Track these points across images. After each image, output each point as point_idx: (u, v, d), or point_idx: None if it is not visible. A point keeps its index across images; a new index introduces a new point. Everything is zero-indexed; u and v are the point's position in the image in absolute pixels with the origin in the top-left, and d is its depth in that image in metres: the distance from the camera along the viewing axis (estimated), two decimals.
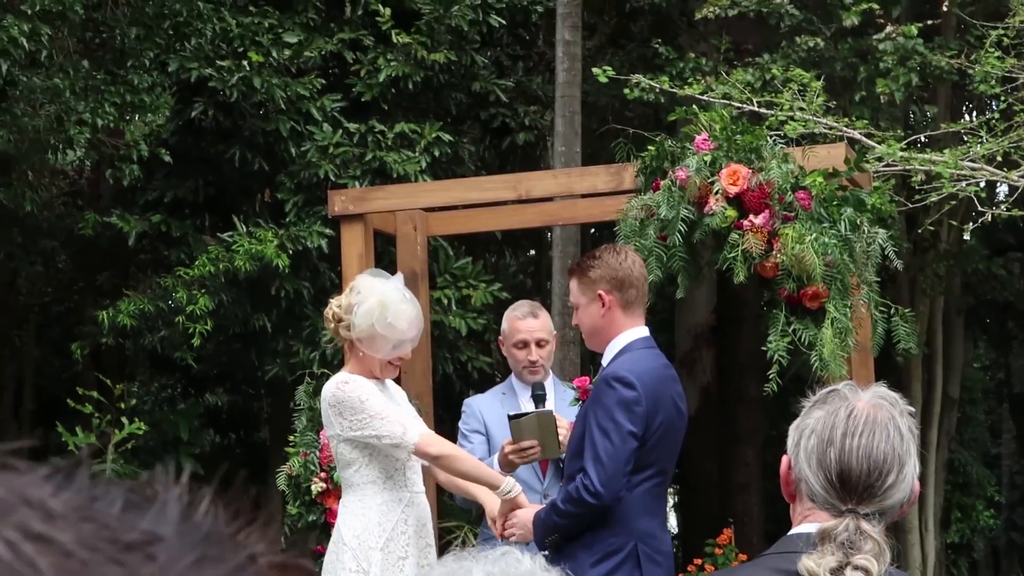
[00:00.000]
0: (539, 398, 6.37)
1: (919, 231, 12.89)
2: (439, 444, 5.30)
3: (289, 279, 12.10)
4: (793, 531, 2.80)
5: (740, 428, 15.11)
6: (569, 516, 5.23)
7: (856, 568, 2.61)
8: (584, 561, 5.24)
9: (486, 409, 6.51)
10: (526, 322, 6.46)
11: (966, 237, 10.50)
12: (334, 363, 11.39)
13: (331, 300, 5.43)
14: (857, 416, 2.76)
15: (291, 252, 11.90)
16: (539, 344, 6.41)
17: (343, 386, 5.29)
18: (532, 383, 6.47)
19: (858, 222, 6.17)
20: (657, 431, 5.27)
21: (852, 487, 2.72)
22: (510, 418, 6.11)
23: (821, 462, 2.76)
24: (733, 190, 6.13)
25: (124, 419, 11.79)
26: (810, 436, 2.79)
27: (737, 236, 6.07)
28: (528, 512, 5.42)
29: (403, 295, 5.38)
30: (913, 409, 2.89)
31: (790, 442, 2.84)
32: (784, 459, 2.86)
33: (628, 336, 5.36)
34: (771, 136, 6.85)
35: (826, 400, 2.83)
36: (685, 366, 14.95)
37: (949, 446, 15.46)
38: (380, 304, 5.29)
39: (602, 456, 5.14)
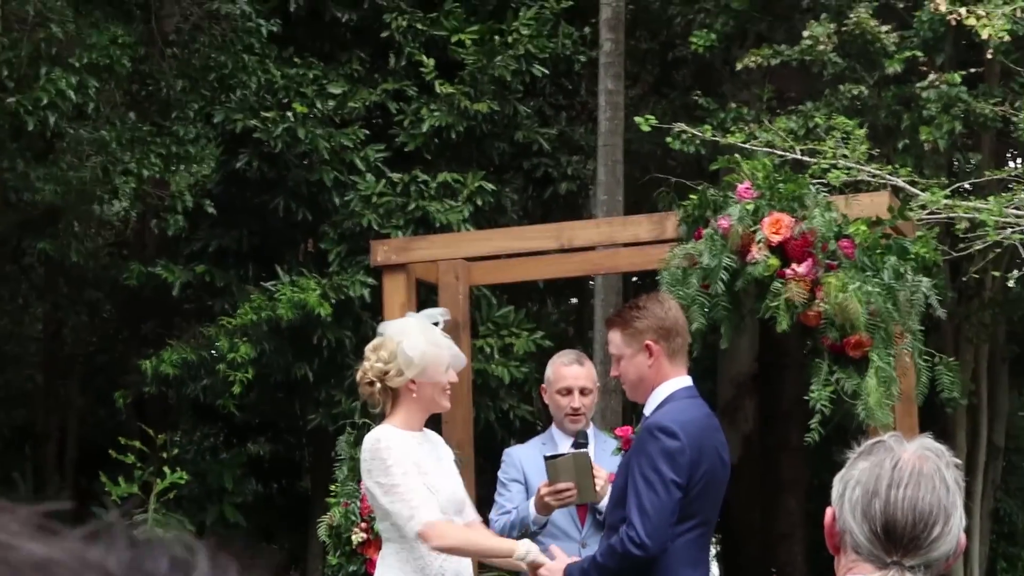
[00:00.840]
0: (580, 447, 6.34)
1: (963, 279, 12.81)
2: (441, 538, 5.19)
3: (331, 328, 12.13)
4: None
5: (783, 477, 15.02)
6: (611, 570, 5.17)
7: None
8: None
9: (525, 459, 6.49)
10: (571, 369, 6.45)
11: (1011, 285, 10.42)
12: (375, 413, 11.40)
13: (364, 364, 5.40)
14: (903, 467, 2.74)
15: (334, 301, 11.93)
16: (583, 392, 6.40)
17: (378, 444, 5.28)
18: (574, 432, 6.45)
19: (902, 271, 6.14)
20: (700, 481, 5.22)
21: (897, 539, 2.69)
22: (546, 459, 6.10)
23: (866, 514, 2.73)
24: (776, 239, 6.11)
25: (166, 468, 11.81)
26: (855, 487, 2.76)
27: (780, 285, 6.05)
28: (558, 565, 5.36)
29: (425, 321, 5.43)
30: (959, 461, 2.86)
31: (835, 493, 2.82)
32: (828, 511, 2.83)
33: (671, 385, 5.32)
34: (814, 184, 6.84)
35: (871, 451, 2.80)
36: (727, 415, 14.88)
37: (995, 495, 15.32)
38: (419, 331, 5.31)
39: (647, 507, 5.09)
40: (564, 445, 6.49)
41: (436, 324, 5.44)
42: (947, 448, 2.84)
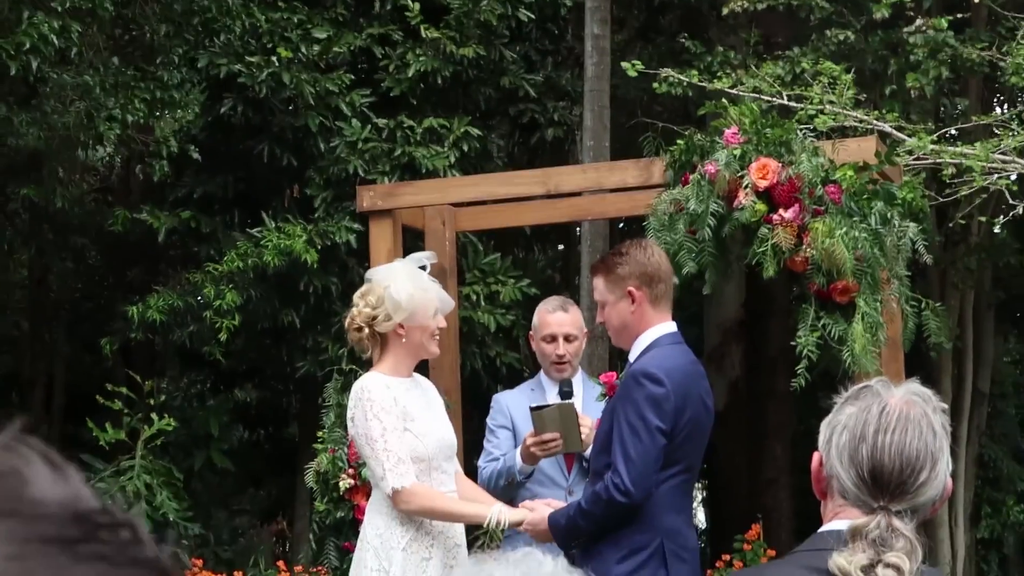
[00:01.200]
0: (566, 395, 6.36)
1: (950, 225, 12.82)
2: (408, 503, 5.19)
3: (318, 275, 12.11)
4: (824, 528, 2.78)
5: (769, 423, 15.07)
6: (597, 516, 5.18)
7: (888, 566, 2.58)
8: (610, 558, 5.20)
9: (513, 405, 6.50)
10: (555, 316, 6.44)
11: (997, 231, 10.42)
12: (362, 359, 11.39)
13: (352, 309, 5.39)
14: (890, 413, 2.74)
15: (320, 248, 11.90)
16: (567, 339, 6.39)
17: (362, 394, 5.28)
18: (560, 380, 6.45)
19: (889, 216, 6.13)
20: (685, 428, 5.23)
21: (884, 484, 2.69)
22: (531, 410, 6.12)
23: (853, 459, 2.73)
24: (763, 184, 6.10)
25: (154, 415, 11.83)
26: (842, 432, 2.77)
27: (767, 230, 6.04)
28: (543, 512, 5.37)
29: (412, 266, 5.43)
30: (946, 406, 2.86)
31: (821, 438, 2.82)
32: (815, 455, 2.83)
33: (656, 332, 5.32)
34: (801, 129, 6.82)
35: (858, 396, 2.80)
36: (714, 361, 14.91)
37: (979, 441, 15.37)
38: (407, 276, 5.31)
39: (632, 454, 5.10)
40: (552, 391, 6.50)
41: (423, 268, 5.44)
42: (934, 393, 2.84)
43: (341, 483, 6.57)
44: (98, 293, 16.15)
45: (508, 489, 6.31)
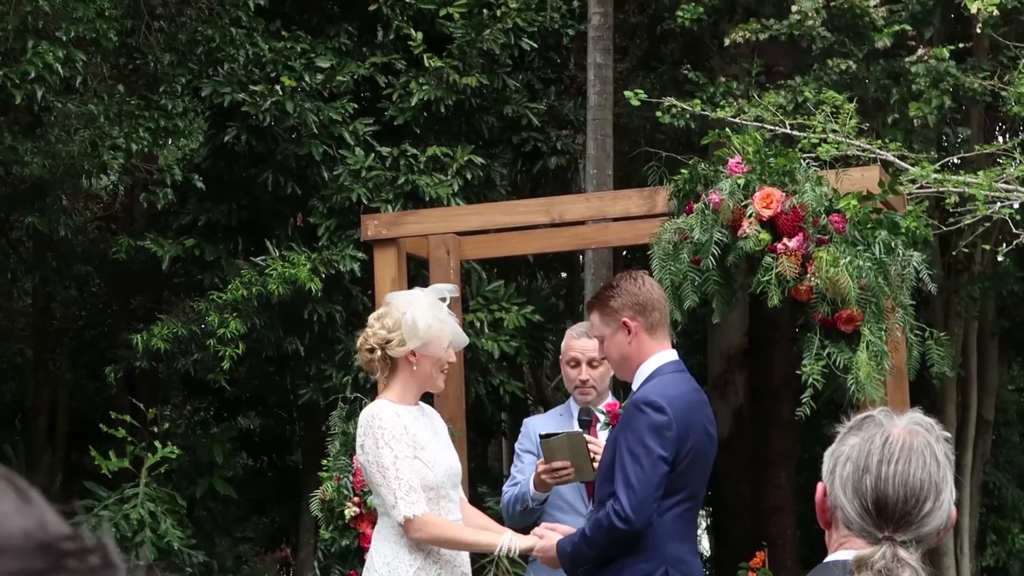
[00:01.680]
0: (584, 423, 6.37)
1: (953, 253, 12.83)
2: (420, 531, 5.20)
3: (322, 303, 12.12)
4: (830, 558, 2.78)
5: (773, 451, 15.05)
6: (599, 543, 5.19)
7: None
8: None
9: (541, 430, 6.52)
10: (580, 341, 6.43)
11: (1000, 259, 10.43)
12: (366, 387, 11.40)
13: (367, 330, 5.40)
14: (893, 443, 2.74)
15: (324, 276, 11.92)
16: (591, 364, 6.38)
17: (372, 421, 5.28)
18: (585, 403, 6.47)
19: (892, 245, 6.14)
20: (688, 456, 5.24)
21: (888, 515, 2.69)
22: (541, 438, 6.14)
23: (857, 490, 2.74)
24: (767, 213, 6.12)
25: (157, 443, 11.83)
26: (845, 463, 2.77)
27: (771, 259, 6.06)
28: (552, 539, 5.39)
29: (433, 296, 5.43)
30: (949, 435, 2.87)
31: (825, 469, 2.82)
32: (819, 486, 2.84)
33: (657, 360, 5.33)
34: (804, 158, 6.84)
35: (861, 426, 2.81)
36: (718, 388, 14.91)
37: (984, 469, 15.36)
38: (427, 305, 5.32)
39: (633, 481, 5.11)
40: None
41: (443, 300, 5.45)
42: (937, 422, 2.85)
43: (346, 511, 6.57)
44: (101, 321, 16.17)
45: (524, 515, 6.34)
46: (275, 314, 12.22)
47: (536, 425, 6.63)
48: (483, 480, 16.80)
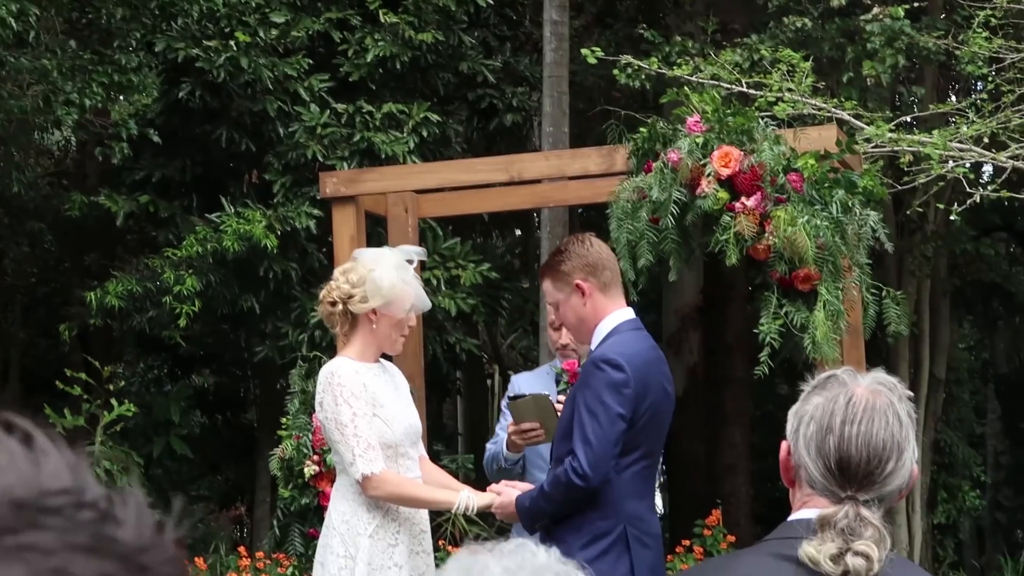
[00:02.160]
0: (559, 378, 6.41)
1: (907, 212, 12.90)
2: (377, 488, 5.21)
3: (277, 260, 12.09)
4: (793, 517, 2.80)
5: (727, 409, 15.14)
6: (557, 499, 5.22)
7: (856, 554, 2.61)
8: (573, 544, 5.21)
9: (526, 387, 6.54)
10: None
11: (953, 218, 10.51)
12: (323, 345, 11.39)
13: (331, 283, 5.40)
14: (856, 403, 2.76)
15: (279, 233, 11.88)
16: None
17: (331, 378, 5.28)
18: (559, 369, 6.49)
19: (850, 204, 6.17)
20: (645, 413, 5.26)
21: (852, 474, 2.71)
22: (508, 399, 6.17)
23: (820, 449, 2.75)
24: (725, 172, 6.13)
25: (113, 401, 11.78)
26: (809, 423, 2.78)
27: (729, 218, 6.07)
28: (510, 495, 5.41)
29: (405, 260, 5.43)
30: (912, 394, 2.89)
31: (789, 428, 2.84)
32: (783, 445, 2.85)
33: (614, 319, 5.34)
34: (761, 117, 6.85)
35: (825, 386, 2.82)
36: (672, 346, 14.96)
37: (935, 426, 15.50)
38: (395, 266, 5.32)
39: (590, 438, 5.13)
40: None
41: (411, 262, 5.44)
42: (899, 381, 2.87)
43: (306, 469, 6.58)
44: (54, 278, 16.07)
45: (501, 473, 6.39)
46: (230, 271, 12.18)
47: (522, 382, 6.66)
48: (438, 438, 16.82)
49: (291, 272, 12.28)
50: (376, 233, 9.61)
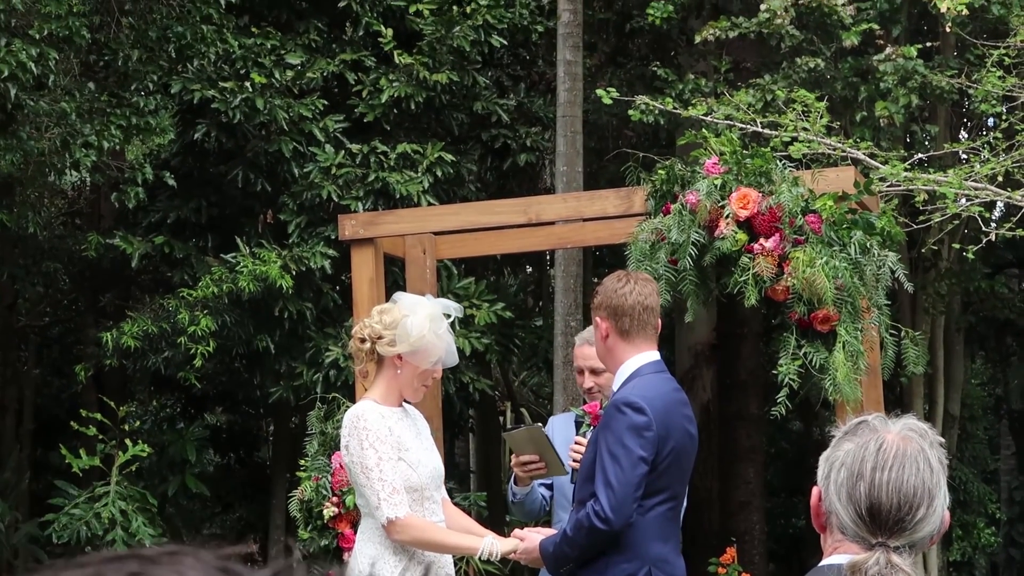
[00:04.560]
0: (578, 424, 6.43)
1: (921, 250, 12.92)
2: (402, 533, 5.23)
3: (292, 300, 12.11)
4: (824, 562, 2.81)
5: (741, 446, 15.13)
6: (580, 543, 5.22)
7: None
8: None
9: (558, 428, 6.57)
10: (582, 349, 6.45)
11: (969, 256, 10.53)
12: (338, 385, 11.40)
13: (366, 319, 5.43)
14: (887, 449, 2.77)
15: (294, 273, 11.91)
16: (593, 372, 6.40)
17: (357, 422, 5.30)
18: (581, 412, 6.51)
19: (868, 245, 6.19)
20: (668, 456, 5.26)
21: (882, 521, 2.72)
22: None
23: (851, 495, 2.76)
24: (744, 214, 6.16)
25: (128, 441, 11.81)
26: (840, 469, 2.80)
27: (748, 260, 6.10)
28: (534, 540, 5.42)
29: (443, 313, 5.45)
30: (943, 440, 2.90)
31: (820, 474, 2.85)
32: (814, 490, 2.87)
33: (638, 361, 5.36)
34: (776, 157, 6.88)
35: (856, 432, 2.83)
36: (685, 384, 14.95)
37: (950, 464, 15.47)
38: (430, 317, 5.33)
39: (612, 481, 5.14)
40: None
41: (448, 316, 5.46)
42: (930, 427, 2.89)
43: (325, 511, 6.58)
44: (68, 318, 16.11)
45: (518, 507, 6.44)
46: (245, 311, 12.21)
47: (557, 423, 6.71)
48: (451, 476, 16.81)
49: (306, 312, 12.30)
50: (391, 272, 9.64)
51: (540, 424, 6.29)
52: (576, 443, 6.23)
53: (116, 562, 0.92)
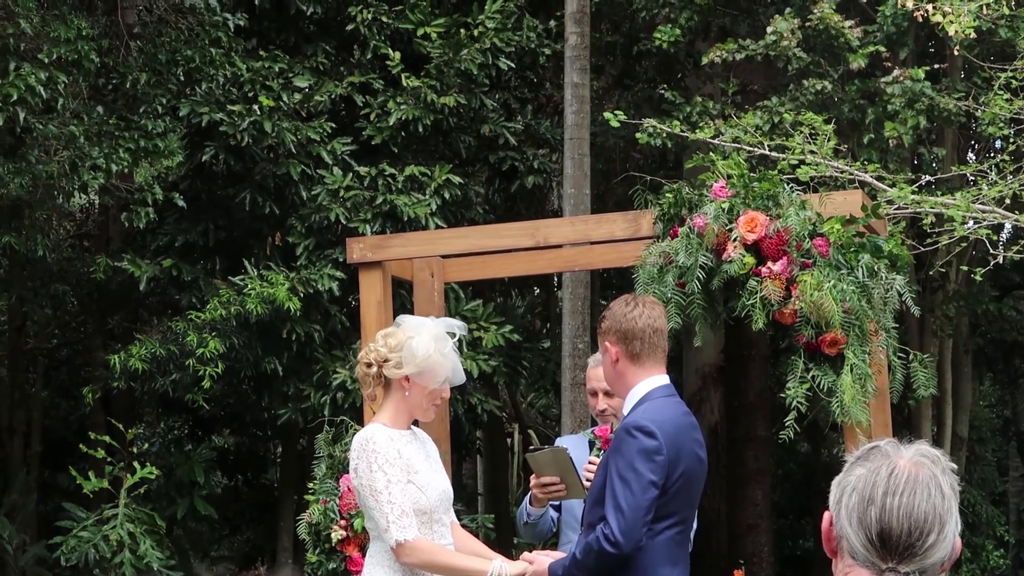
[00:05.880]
0: (591, 444, 6.42)
1: (930, 273, 12.92)
2: (409, 556, 5.24)
3: (300, 322, 12.13)
4: None
5: (748, 468, 15.11)
6: (589, 567, 5.21)
7: None
8: None
9: (569, 449, 6.56)
10: (595, 371, 6.45)
11: (978, 279, 10.53)
12: (345, 407, 11.41)
13: (371, 344, 5.44)
14: (899, 474, 2.77)
15: (302, 295, 11.92)
16: (607, 394, 6.39)
17: (366, 445, 5.30)
18: (592, 435, 6.51)
19: (875, 268, 6.20)
20: (679, 480, 5.26)
21: (893, 547, 2.72)
22: (526, 452, 6.18)
23: (862, 520, 2.76)
24: (751, 237, 6.16)
25: (136, 463, 11.81)
26: (851, 494, 2.79)
27: (755, 283, 6.10)
28: (543, 563, 5.41)
29: (447, 332, 5.45)
30: (955, 466, 2.90)
31: (832, 498, 2.85)
32: (826, 515, 2.87)
33: (648, 385, 5.35)
34: (784, 180, 6.88)
35: (868, 457, 2.83)
36: (693, 405, 14.96)
37: (959, 485, 15.45)
38: (435, 337, 5.34)
39: (622, 505, 5.13)
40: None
41: (452, 335, 5.47)
42: (943, 453, 2.89)
43: (333, 534, 6.59)
44: (76, 340, 16.12)
45: (529, 529, 6.41)
46: (253, 333, 12.22)
47: (564, 444, 6.70)
48: (459, 498, 16.79)
49: (314, 334, 12.32)
50: (397, 295, 9.65)
51: (565, 447, 6.28)
52: (590, 462, 6.22)
53: None
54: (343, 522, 6.62)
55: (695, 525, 5.67)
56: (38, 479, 14.79)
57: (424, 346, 5.29)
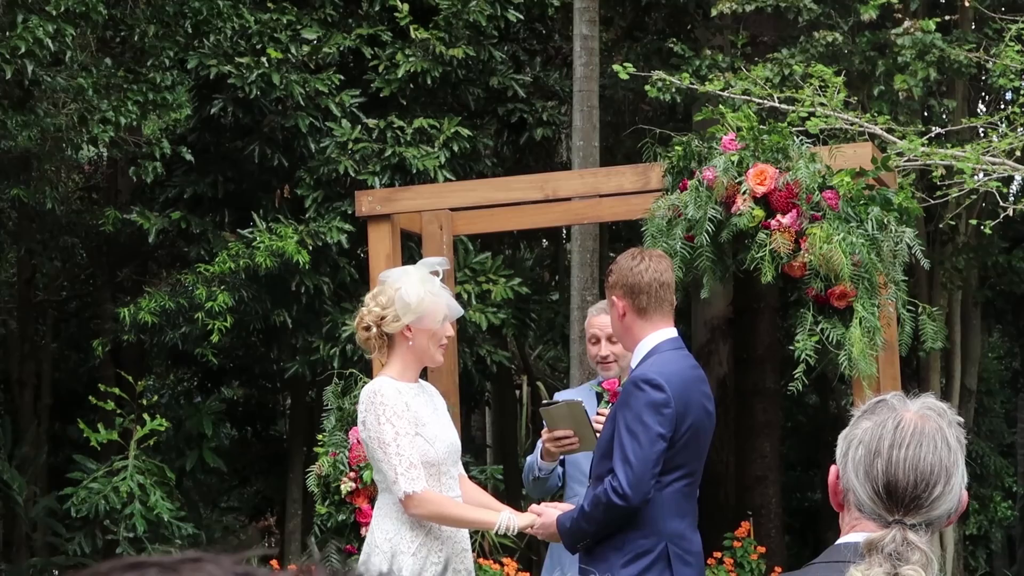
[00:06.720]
0: (600, 396, 6.44)
1: (939, 225, 12.89)
2: (419, 507, 5.26)
3: (309, 275, 12.14)
4: (841, 540, 2.82)
5: (757, 421, 15.13)
6: (597, 519, 5.24)
7: None
8: (615, 562, 5.26)
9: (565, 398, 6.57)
10: (599, 318, 6.46)
11: (987, 231, 10.50)
12: (354, 360, 11.43)
13: (363, 309, 5.45)
14: (905, 427, 2.78)
15: (311, 248, 11.93)
16: (610, 340, 6.40)
17: (374, 398, 5.32)
18: (607, 379, 6.51)
19: (885, 221, 6.19)
20: (686, 433, 5.28)
21: (899, 498, 2.73)
22: (541, 406, 6.20)
23: (868, 473, 2.78)
24: (760, 190, 6.17)
25: (145, 415, 11.85)
26: (858, 447, 2.81)
27: (765, 236, 6.10)
28: (551, 515, 5.44)
29: (430, 272, 5.47)
30: (962, 419, 2.91)
31: (838, 452, 2.86)
32: (832, 469, 2.88)
33: (656, 338, 5.37)
34: (793, 132, 6.87)
35: (874, 410, 2.84)
36: (702, 358, 14.96)
37: (967, 437, 15.45)
38: (421, 280, 5.36)
39: (630, 458, 5.16)
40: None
41: (436, 273, 5.48)
42: (949, 406, 2.89)
43: (343, 486, 6.62)
44: (86, 292, 16.16)
45: (538, 484, 6.43)
46: (262, 286, 12.23)
47: (566, 397, 6.70)
48: (467, 450, 16.86)
49: (323, 287, 12.33)
50: (407, 248, 9.65)
51: (580, 399, 6.29)
52: (599, 413, 6.24)
53: (136, 570, 0.93)
54: (352, 474, 6.66)
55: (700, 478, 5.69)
56: (48, 431, 14.85)
57: (414, 291, 5.31)
